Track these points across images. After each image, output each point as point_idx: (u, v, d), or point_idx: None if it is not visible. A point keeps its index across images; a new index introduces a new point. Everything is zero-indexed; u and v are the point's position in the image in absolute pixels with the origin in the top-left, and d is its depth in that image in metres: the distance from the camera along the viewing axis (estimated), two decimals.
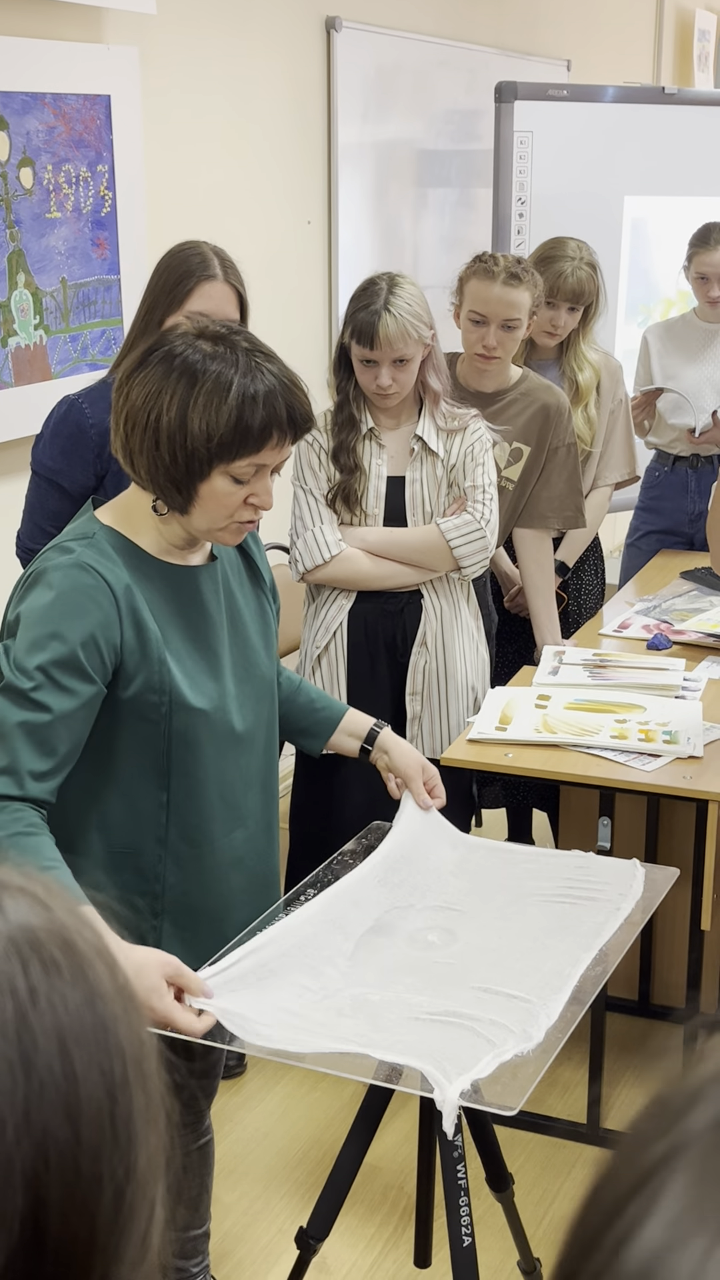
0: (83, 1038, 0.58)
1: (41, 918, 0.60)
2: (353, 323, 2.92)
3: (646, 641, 3.45)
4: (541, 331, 3.67)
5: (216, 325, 1.93)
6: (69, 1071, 0.57)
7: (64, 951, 0.59)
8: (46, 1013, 0.57)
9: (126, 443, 1.90)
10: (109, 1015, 0.60)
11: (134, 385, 1.88)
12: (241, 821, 2.09)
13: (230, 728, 2.03)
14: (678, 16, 7.30)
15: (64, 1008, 0.58)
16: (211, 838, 2.04)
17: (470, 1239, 1.93)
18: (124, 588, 1.91)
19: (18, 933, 0.59)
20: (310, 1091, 3.16)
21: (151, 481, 1.91)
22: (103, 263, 3.48)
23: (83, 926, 0.62)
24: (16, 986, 0.57)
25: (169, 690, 1.94)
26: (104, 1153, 0.58)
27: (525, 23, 5.67)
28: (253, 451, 1.87)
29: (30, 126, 3.20)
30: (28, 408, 3.20)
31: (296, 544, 3.04)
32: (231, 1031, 1.78)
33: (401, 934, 2.05)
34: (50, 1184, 0.55)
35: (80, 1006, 0.58)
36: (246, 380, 1.85)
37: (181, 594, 1.99)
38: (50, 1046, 0.57)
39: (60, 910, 0.61)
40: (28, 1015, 0.56)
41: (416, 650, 3.06)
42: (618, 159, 4.86)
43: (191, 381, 1.84)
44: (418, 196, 5.04)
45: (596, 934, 2.04)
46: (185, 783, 2.00)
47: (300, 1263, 2.18)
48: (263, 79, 4.13)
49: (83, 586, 1.88)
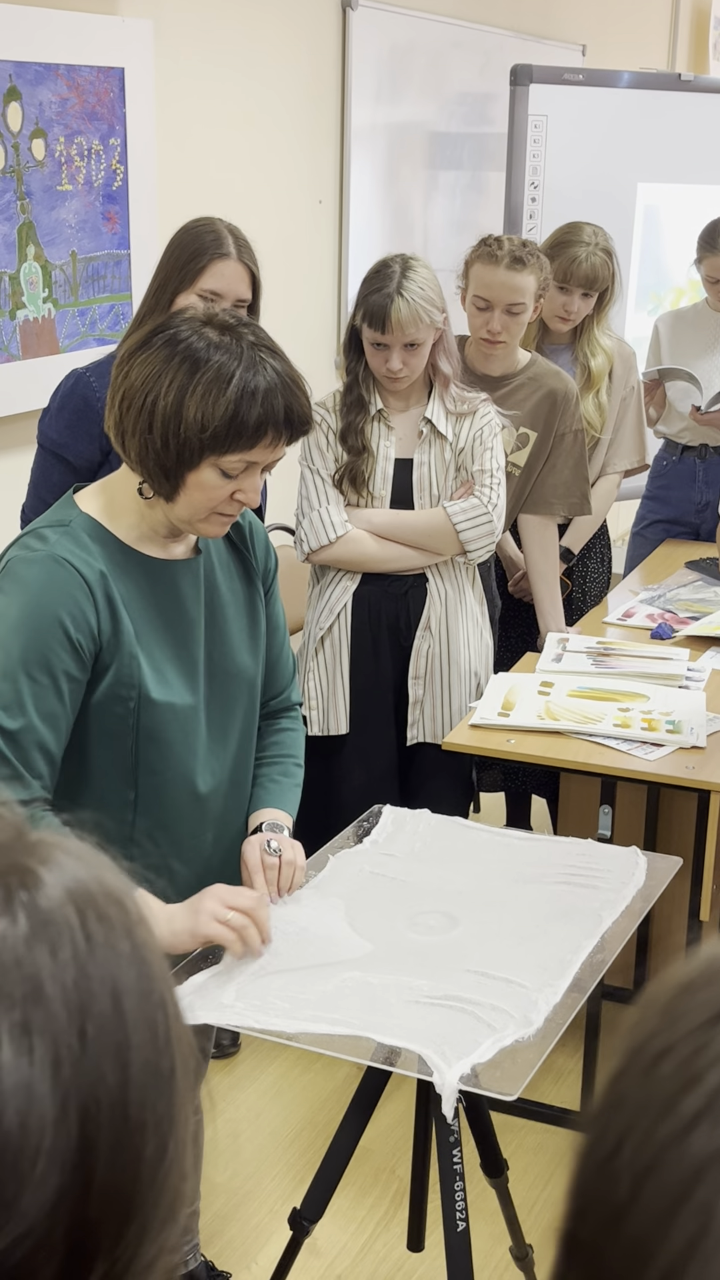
0: (133, 989, 0.60)
1: (94, 875, 0.62)
2: (365, 305, 2.90)
3: (651, 631, 3.44)
4: (554, 316, 3.65)
5: (227, 314, 1.90)
6: (121, 1019, 0.59)
7: (116, 908, 0.61)
8: (102, 961, 0.59)
9: (120, 421, 1.88)
10: (155, 973, 0.62)
11: (135, 364, 1.86)
12: (210, 823, 2.06)
13: (200, 726, 2.00)
14: (694, 4, 7.26)
15: (117, 960, 0.60)
16: (180, 838, 2.01)
17: (465, 1223, 1.93)
18: (98, 578, 1.88)
19: (74, 885, 0.61)
20: (304, 1073, 3.16)
21: (140, 464, 1.88)
22: (113, 237, 3.46)
23: (129, 890, 0.64)
24: (75, 934, 0.59)
25: (137, 685, 1.90)
26: (149, 1101, 0.59)
27: (541, 6, 5.64)
28: (246, 447, 1.84)
29: (43, 98, 3.18)
30: (35, 381, 3.18)
31: (302, 524, 3.03)
32: (221, 1013, 1.78)
33: (401, 917, 2.05)
34: (101, 1126, 0.57)
35: (131, 961, 0.60)
36: (248, 375, 1.82)
37: (157, 587, 1.95)
38: (105, 994, 0.59)
39: (109, 873, 0.63)
40: (85, 963, 0.59)
41: (420, 634, 3.05)
42: (632, 145, 4.84)
43: (193, 369, 1.82)
44: (429, 179, 5.01)
45: (598, 921, 2.04)
46: (153, 780, 1.96)
47: (293, 1244, 2.18)
48: (277, 56, 4.10)
49: (56, 580, 1.85)
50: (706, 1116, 0.51)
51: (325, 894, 2.10)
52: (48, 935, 0.58)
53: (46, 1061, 0.56)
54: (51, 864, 0.61)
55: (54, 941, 0.58)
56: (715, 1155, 0.50)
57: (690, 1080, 0.52)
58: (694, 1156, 0.50)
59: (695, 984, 0.56)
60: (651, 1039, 0.55)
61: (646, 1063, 0.54)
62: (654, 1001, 0.57)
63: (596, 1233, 0.53)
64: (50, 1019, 0.57)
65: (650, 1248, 0.50)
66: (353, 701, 3.07)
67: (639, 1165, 0.52)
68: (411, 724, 3.10)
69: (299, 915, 2.02)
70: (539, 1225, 2.60)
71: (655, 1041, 0.55)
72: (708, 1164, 0.50)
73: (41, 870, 0.60)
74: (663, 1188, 0.51)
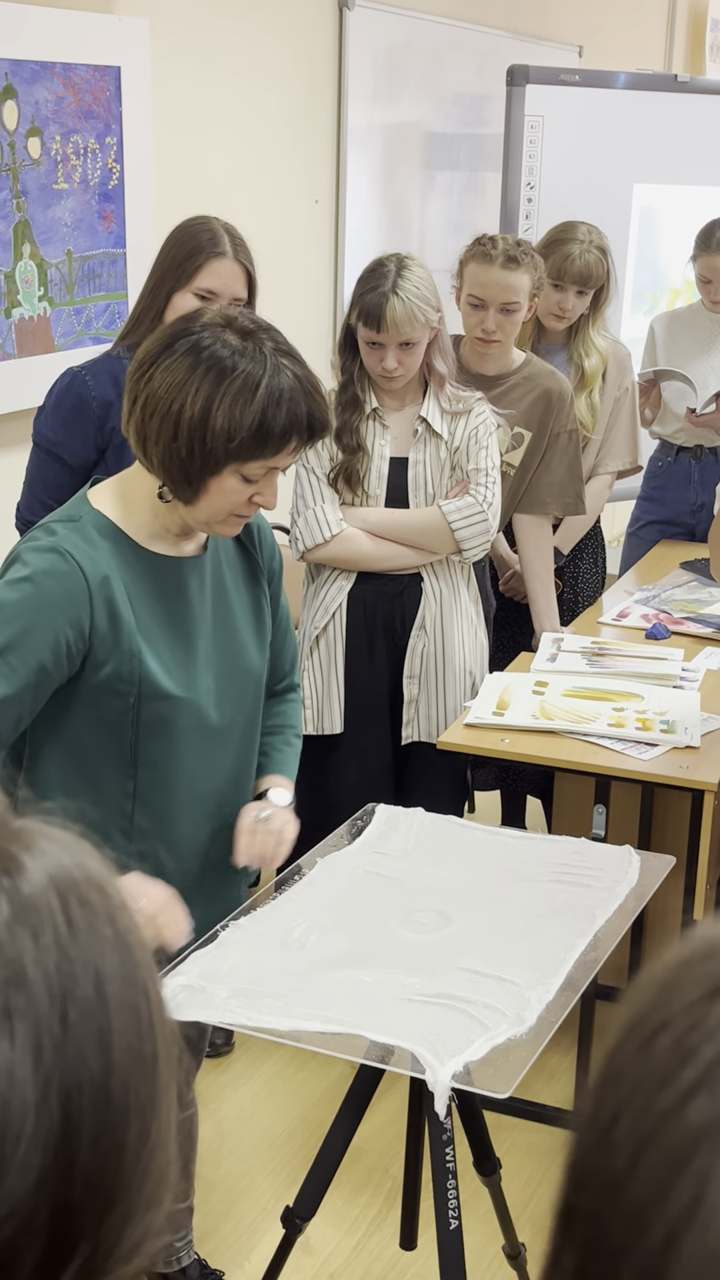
0: (115, 974, 0.60)
1: (76, 862, 0.63)
2: (360, 304, 2.90)
3: (645, 631, 3.44)
4: (549, 314, 3.66)
5: (245, 317, 1.91)
6: (103, 1004, 0.59)
7: (98, 894, 0.62)
8: (85, 946, 0.60)
9: (142, 427, 1.88)
10: (136, 957, 0.62)
11: (157, 370, 1.86)
12: (211, 816, 2.07)
13: (204, 721, 2.01)
14: (691, 6, 7.27)
15: (99, 945, 0.60)
16: (178, 832, 2.03)
17: (457, 1221, 1.93)
18: (101, 576, 1.89)
19: (57, 871, 0.61)
20: (297, 1071, 3.16)
21: (163, 469, 1.89)
22: (109, 236, 3.46)
23: (110, 876, 0.64)
24: (57, 920, 0.59)
25: (139, 680, 1.92)
26: (132, 1086, 0.60)
27: (538, 7, 5.64)
28: (270, 455, 1.87)
29: (39, 96, 3.18)
30: (30, 380, 3.18)
31: (297, 523, 3.03)
32: (213, 1011, 1.78)
33: (395, 915, 2.05)
34: (83, 1109, 0.58)
35: (113, 946, 0.61)
36: (273, 384, 1.84)
37: (164, 584, 1.97)
38: (87, 979, 0.59)
39: (90, 859, 0.64)
40: (68, 948, 0.59)
41: (415, 633, 3.05)
42: (628, 146, 4.84)
43: (219, 378, 1.83)
44: (426, 179, 5.01)
45: (591, 919, 2.04)
46: (153, 772, 1.98)
47: (285, 1242, 2.18)
48: (274, 56, 4.11)
49: (56, 573, 1.86)
50: (703, 1087, 0.52)
51: (318, 891, 2.10)
52: (30, 920, 0.59)
53: (28, 1046, 0.56)
54: (34, 850, 0.61)
55: (36, 926, 0.59)
56: (712, 1124, 0.51)
57: (687, 1053, 0.53)
58: (691, 1126, 0.51)
59: (692, 961, 0.57)
60: (649, 1014, 0.56)
61: (644, 1037, 0.55)
62: (651, 978, 0.58)
63: (595, 1204, 0.54)
64: (32, 1003, 0.57)
65: (649, 1216, 0.51)
66: (348, 700, 3.07)
67: (637, 1136, 0.53)
68: (406, 723, 3.11)
69: (298, 912, 2.03)
70: (532, 1223, 2.60)
71: (652, 1017, 0.56)
72: (705, 1132, 0.51)
73: (24, 856, 0.61)
74: (661, 1157, 0.52)
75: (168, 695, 1.94)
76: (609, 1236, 0.53)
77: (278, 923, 2.01)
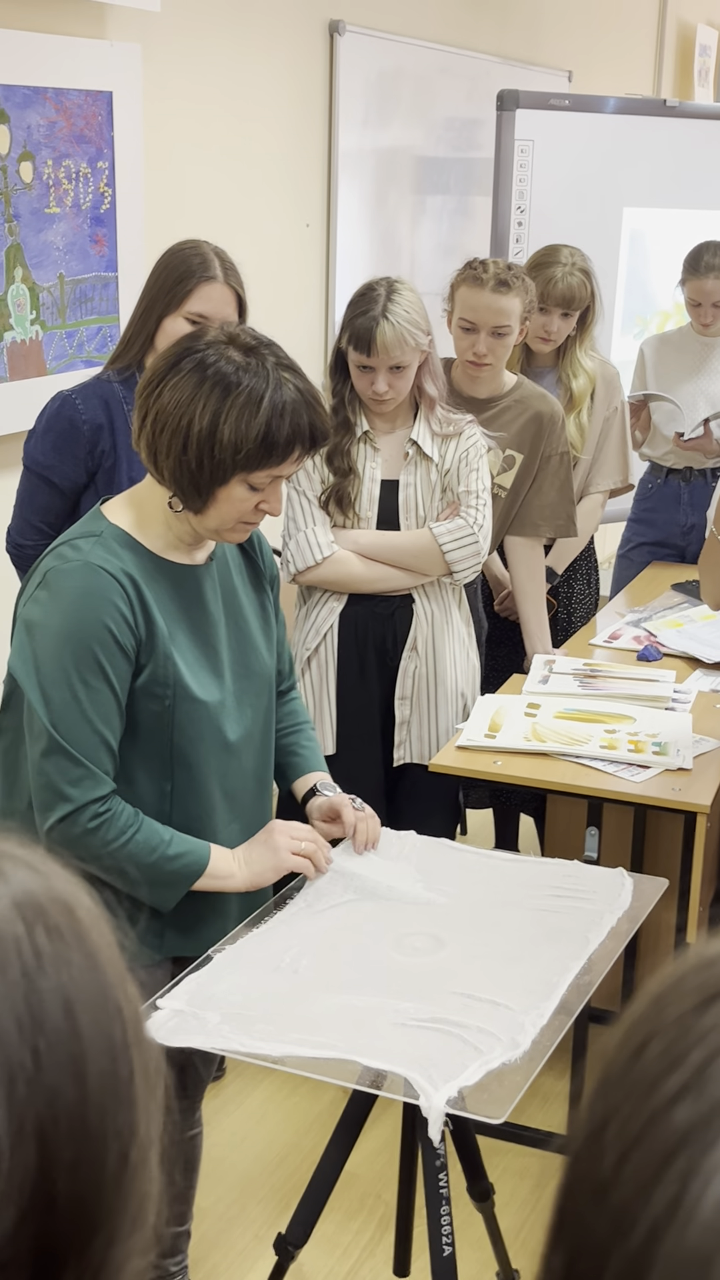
0: (86, 1000, 0.59)
1: (42, 884, 0.62)
2: (350, 328, 2.91)
3: (637, 653, 3.44)
4: (535, 338, 3.67)
5: (247, 335, 1.99)
6: (75, 1032, 0.58)
7: (66, 917, 0.61)
8: (52, 975, 0.59)
9: (153, 442, 1.97)
10: (109, 980, 0.61)
11: (165, 388, 1.95)
12: (238, 815, 2.15)
13: (230, 722, 2.10)
14: (679, 31, 7.32)
15: (67, 971, 0.59)
16: (214, 829, 2.10)
17: (451, 1248, 1.92)
18: (131, 582, 1.98)
19: (22, 897, 0.60)
20: (289, 1096, 3.14)
21: (174, 481, 1.98)
22: (101, 260, 3.46)
23: (80, 894, 0.63)
24: (23, 949, 0.58)
25: (173, 683, 2.00)
26: (109, 1111, 0.59)
27: (528, 32, 5.68)
28: (275, 464, 1.97)
29: (31, 121, 3.18)
30: (21, 403, 3.18)
31: (289, 545, 3.03)
32: (206, 1037, 1.77)
33: (387, 939, 2.04)
34: (60, 1141, 0.57)
35: (83, 970, 0.60)
36: (276, 397, 1.93)
37: (185, 591, 2.06)
38: (57, 1007, 0.58)
39: (58, 878, 0.63)
40: (35, 977, 0.58)
41: (407, 655, 3.05)
42: (618, 170, 4.87)
43: (225, 393, 1.92)
44: (416, 203, 5.03)
45: (584, 942, 2.03)
46: (188, 774, 2.06)
47: (278, 1269, 2.16)
48: (265, 80, 4.12)
49: (95, 586, 1.95)
50: (690, 1090, 0.52)
51: (310, 915, 2.10)
52: None
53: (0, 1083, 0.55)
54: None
55: (2, 960, 0.58)
56: (696, 1125, 0.51)
57: (675, 1060, 0.54)
58: (677, 1127, 0.52)
59: (685, 974, 0.58)
60: (641, 1024, 0.57)
61: (635, 1047, 0.56)
62: (646, 991, 0.58)
63: (583, 1205, 0.54)
64: (1, 1040, 0.56)
65: (633, 1215, 0.52)
66: (339, 722, 3.07)
67: (625, 1138, 0.53)
68: (398, 745, 3.10)
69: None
70: (525, 1249, 2.58)
71: (645, 1027, 0.56)
72: (689, 1133, 0.51)
73: None
74: (646, 1159, 0.52)
75: (199, 699, 2.03)
76: (595, 1236, 0.53)
77: (269, 947, 2.00)
